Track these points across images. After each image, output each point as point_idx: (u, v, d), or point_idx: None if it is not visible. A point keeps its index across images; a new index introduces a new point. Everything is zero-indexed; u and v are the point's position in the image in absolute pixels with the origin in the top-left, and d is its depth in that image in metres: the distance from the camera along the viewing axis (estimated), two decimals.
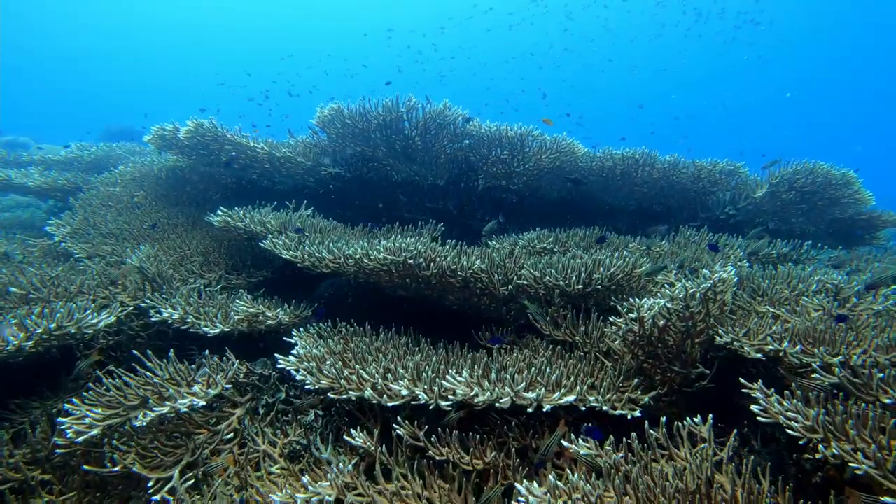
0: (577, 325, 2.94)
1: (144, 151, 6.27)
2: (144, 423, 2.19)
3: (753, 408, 1.91)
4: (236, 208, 3.93)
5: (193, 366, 2.70)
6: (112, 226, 4.23)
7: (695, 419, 2.09)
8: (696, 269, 3.26)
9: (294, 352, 2.64)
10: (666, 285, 2.81)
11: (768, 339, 2.26)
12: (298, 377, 2.41)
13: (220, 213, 3.87)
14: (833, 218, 5.32)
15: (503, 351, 2.91)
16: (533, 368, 2.36)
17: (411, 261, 3.06)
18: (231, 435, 2.41)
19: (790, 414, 1.72)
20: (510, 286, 3.10)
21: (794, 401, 1.78)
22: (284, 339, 2.92)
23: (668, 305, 2.46)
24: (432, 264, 3.07)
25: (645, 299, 2.45)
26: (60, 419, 2.17)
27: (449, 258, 3.09)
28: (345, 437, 2.21)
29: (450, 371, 2.36)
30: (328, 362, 2.48)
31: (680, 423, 2.04)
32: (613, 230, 5.75)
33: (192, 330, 3.05)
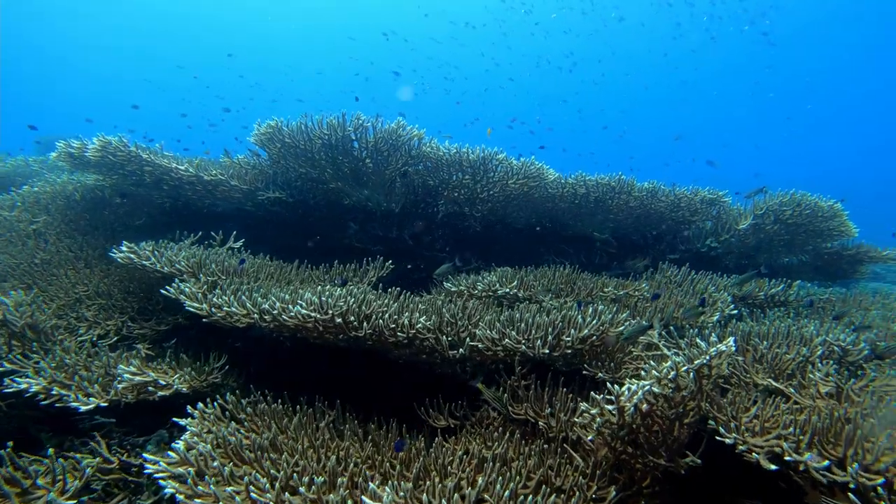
0: (542, 400, 2.40)
1: (65, 167, 5.55)
2: None
3: None
4: (143, 243, 3.30)
5: (39, 468, 2.06)
6: None
7: None
8: (684, 327, 2.77)
9: (175, 444, 2.02)
10: (651, 360, 2.30)
11: (783, 442, 1.75)
12: (167, 490, 1.80)
13: (123, 247, 3.23)
14: (818, 252, 4.96)
15: (447, 438, 2.35)
16: (481, 477, 1.80)
17: (339, 319, 2.48)
18: None
19: None
20: (462, 349, 2.55)
21: None
22: (174, 419, 2.30)
23: (655, 389, 1.94)
24: (366, 323, 2.50)
25: (626, 385, 1.92)
26: None
27: (387, 315, 2.52)
28: None
29: (373, 482, 1.78)
30: (215, 464, 1.88)
31: None
32: (587, 262, 5.28)
33: (57, 405, 2.40)
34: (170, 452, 1.98)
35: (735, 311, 3.38)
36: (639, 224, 5.17)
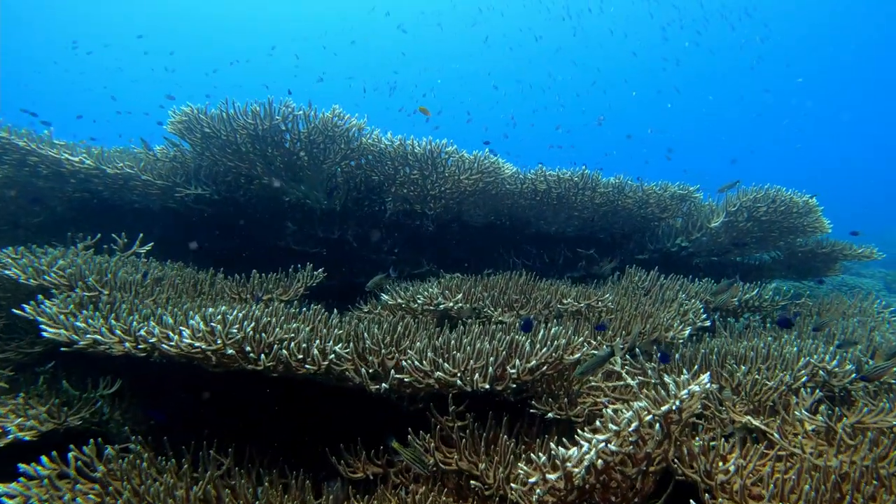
0: (478, 445, 1.97)
1: None
2: None
3: None
4: (10, 248, 2.74)
5: None
6: None
7: None
8: (651, 352, 2.37)
9: None
10: (612, 392, 1.89)
11: None
12: None
13: None
14: (792, 250, 4.67)
15: (361, 496, 1.90)
16: None
17: (232, 350, 2.00)
18: None
19: None
20: (385, 383, 2.10)
21: None
22: None
23: (612, 447, 1.53)
24: (265, 355, 2.02)
25: (574, 449, 1.50)
26: None
27: (293, 344, 2.05)
28: None
29: None
30: None
31: None
32: (550, 262, 4.89)
33: None
34: None
35: (707, 322, 3.02)
36: (605, 221, 4.79)
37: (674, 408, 1.61)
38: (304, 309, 2.45)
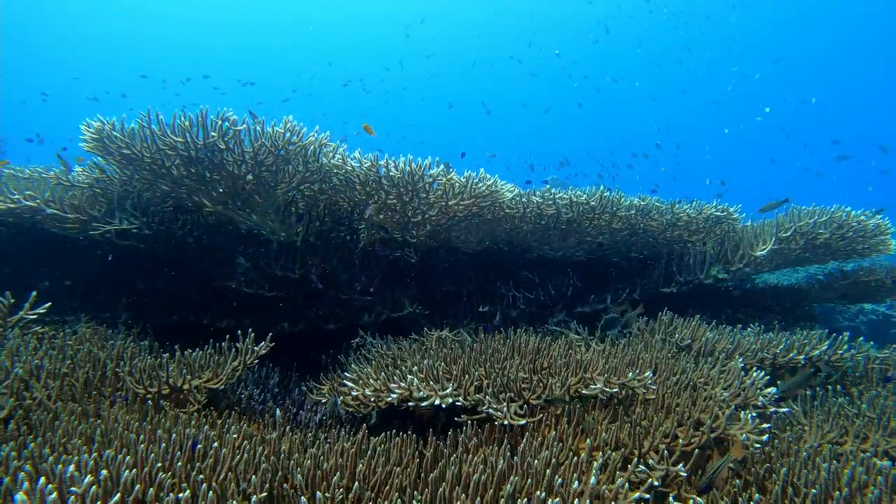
0: None
1: None
2: None
3: None
4: None
5: None
6: None
7: None
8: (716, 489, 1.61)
9: None
10: None
11: None
12: None
13: None
14: (855, 280, 3.91)
15: None
16: None
17: None
18: None
19: None
20: None
21: None
22: None
23: None
24: None
25: None
26: None
27: None
28: None
29: None
30: None
31: None
32: (557, 294, 4.12)
33: None
34: None
35: (784, 409, 2.27)
36: (624, 245, 4.04)
37: None
38: (225, 429, 1.66)
